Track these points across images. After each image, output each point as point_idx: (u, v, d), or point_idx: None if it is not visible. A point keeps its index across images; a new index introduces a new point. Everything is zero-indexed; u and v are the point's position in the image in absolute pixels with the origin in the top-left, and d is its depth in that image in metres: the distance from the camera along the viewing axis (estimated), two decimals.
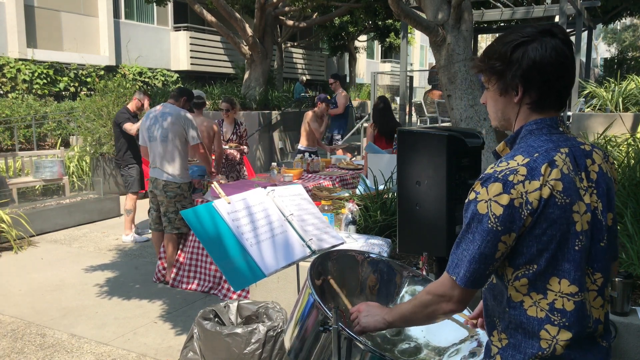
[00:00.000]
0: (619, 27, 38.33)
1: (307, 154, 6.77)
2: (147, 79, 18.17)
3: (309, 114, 7.03)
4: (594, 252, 1.32)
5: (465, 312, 1.84)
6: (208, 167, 5.26)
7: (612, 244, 1.37)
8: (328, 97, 7.49)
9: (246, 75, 12.86)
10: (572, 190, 1.28)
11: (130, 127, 6.19)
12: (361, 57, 29.38)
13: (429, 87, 14.69)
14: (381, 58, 33.68)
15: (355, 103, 20.78)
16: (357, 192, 4.52)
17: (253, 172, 7.47)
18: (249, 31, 12.09)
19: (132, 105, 6.44)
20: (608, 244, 1.35)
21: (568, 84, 1.34)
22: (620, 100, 6.91)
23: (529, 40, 1.31)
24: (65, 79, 15.73)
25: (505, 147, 1.43)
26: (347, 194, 4.61)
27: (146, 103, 6.52)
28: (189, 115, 4.83)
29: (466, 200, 1.33)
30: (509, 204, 1.24)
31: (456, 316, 1.86)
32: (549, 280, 1.28)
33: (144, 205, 7.80)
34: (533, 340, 1.30)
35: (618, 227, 1.41)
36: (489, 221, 1.26)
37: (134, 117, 6.40)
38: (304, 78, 17.43)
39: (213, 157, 5.83)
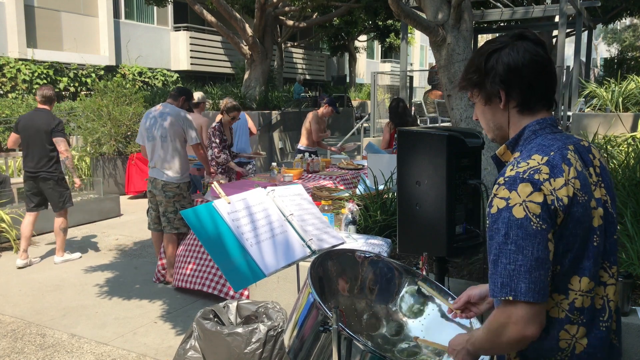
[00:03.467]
0: (619, 27, 38.31)
1: (307, 154, 6.75)
2: (147, 79, 18.18)
3: (311, 114, 7.01)
4: (608, 245, 1.31)
5: (450, 300, 1.84)
6: (207, 168, 5.30)
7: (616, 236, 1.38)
8: (336, 102, 7.41)
9: (246, 75, 12.86)
10: (587, 187, 1.27)
11: (66, 149, 5.47)
12: (361, 57, 29.41)
13: (429, 87, 14.69)
14: (381, 58, 33.71)
15: (355, 103, 20.82)
16: (357, 192, 4.52)
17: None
18: (249, 31, 12.09)
19: (52, 107, 5.49)
20: (617, 236, 1.35)
21: (548, 82, 1.34)
22: (620, 100, 6.92)
23: (501, 47, 1.34)
24: (65, 79, 15.74)
25: (506, 150, 1.41)
26: (347, 194, 4.61)
27: (51, 92, 5.46)
28: (188, 115, 4.85)
29: (491, 212, 1.26)
30: (544, 201, 1.21)
31: (443, 307, 1.86)
32: (570, 280, 1.27)
33: (143, 204, 7.79)
34: (552, 341, 1.29)
35: (618, 227, 1.41)
36: (532, 222, 1.20)
37: None
38: (301, 77, 17.48)
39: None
